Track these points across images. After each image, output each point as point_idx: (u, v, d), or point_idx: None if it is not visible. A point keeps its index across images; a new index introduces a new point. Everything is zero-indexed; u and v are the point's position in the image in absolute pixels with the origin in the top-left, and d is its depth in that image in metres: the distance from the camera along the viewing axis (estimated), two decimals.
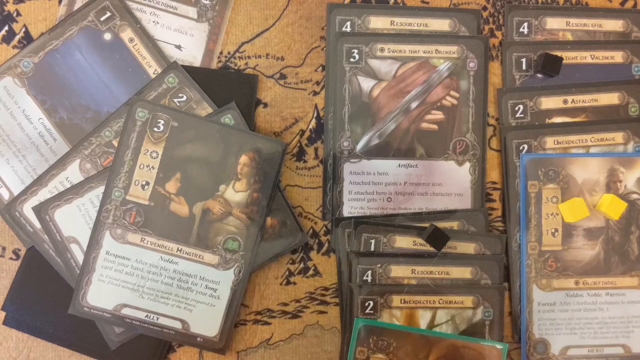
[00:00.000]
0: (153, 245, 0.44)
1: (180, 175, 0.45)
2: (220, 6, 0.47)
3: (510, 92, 0.47)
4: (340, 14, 0.47)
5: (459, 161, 0.47)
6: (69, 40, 0.46)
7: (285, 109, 0.47)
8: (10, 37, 0.46)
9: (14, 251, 0.46)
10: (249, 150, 0.45)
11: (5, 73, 0.45)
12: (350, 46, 0.47)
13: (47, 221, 0.44)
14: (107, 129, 0.45)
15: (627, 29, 0.48)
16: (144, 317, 0.44)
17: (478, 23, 0.48)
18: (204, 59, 0.47)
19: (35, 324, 0.45)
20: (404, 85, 0.47)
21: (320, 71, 0.47)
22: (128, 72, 0.46)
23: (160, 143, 0.45)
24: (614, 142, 0.47)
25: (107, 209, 0.44)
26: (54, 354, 0.46)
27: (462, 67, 0.47)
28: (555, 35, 0.48)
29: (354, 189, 0.47)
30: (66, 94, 0.46)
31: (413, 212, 0.46)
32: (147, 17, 0.47)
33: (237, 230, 0.45)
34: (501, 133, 0.47)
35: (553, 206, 0.47)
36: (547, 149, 0.47)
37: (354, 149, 0.47)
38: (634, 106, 0.48)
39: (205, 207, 0.45)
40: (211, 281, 0.45)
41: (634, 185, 0.47)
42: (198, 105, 0.46)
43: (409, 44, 0.47)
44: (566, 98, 0.47)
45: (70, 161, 0.45)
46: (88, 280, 0.44)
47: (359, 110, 0.47)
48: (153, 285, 0.44)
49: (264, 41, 0.47)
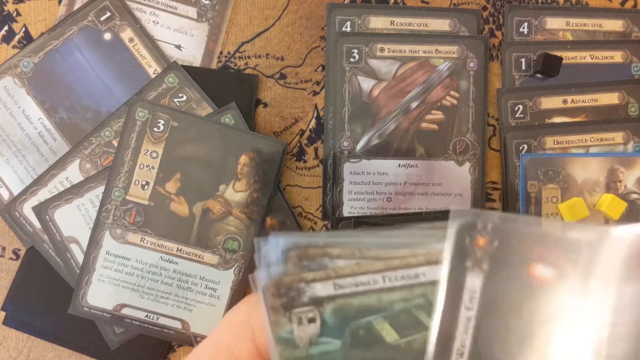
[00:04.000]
0: (153, 245, 0.44)
1: (180, 175, 0.45)
2: (220, 6, 0.47)
3: (510, 92, 0.47)
4: (340, 14, 0.47)
5: (459, 161, 0.47)
6: (69, 40, 0.46)
7: (285, 109, 0.47)
8: (10, 37, 0.46)
9: (13, 251, 0.46)
10: (249, 150, 0.45)
11: (5, 73, 0.45)
12: (350, 46, 0.47)
13: (47, 221, 0.44)
14: (107, 129, 0.45)
15: (627, 29, 0.48)
16: (144, 317, 0.44)
17: (478, 23, 0.48)
18: (204, 59, 0.47)
19: (35, 324, 0.45)
20: (404, 85, 0.47)
21: (320, 71, 0.47)
22: (128, 72, 0.46)
23: (160, 143, 0.45)
24: (614, 142, 0.47)
25: (107, 209, 0.44)
26: (54, 354, 0.46)
27: (462, 67, 0.47)
28: (555, 35, 0.48)
29: (354, 189, 0.47)
30: (66, 94, 0.46)
31: (413, 212, 0.47)
32: (147, 17, 0.47)
33: (237, 230, 0.45)
34: (501, 133, 0.47)
35: (553, 206, 0.47)
36: (546, 149, 0.47)
37: (354, 149, 0.47)
38: (633, 106, 0.48)
39: (205, 207, 0.45)
40: (211, 281, 0.45)
41: (633, 185, 0.47)
42: (198, 105, 0.46)
43: (409, 44, 0.47)
44: (566, 98, 0.48)
45: (70, 161, 0.45)
46: (88, 280, 0.44)
47: (359, 110, 0.47)
48: (153, 285, 0.44)
49: (264, 41, 0.47)
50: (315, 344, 0.22)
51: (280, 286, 0.22)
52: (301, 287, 0.22)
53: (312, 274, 0.23)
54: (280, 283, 0.22)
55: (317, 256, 0.23)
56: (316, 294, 0.22)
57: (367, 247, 0.23)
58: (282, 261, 0.23)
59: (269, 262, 0.23)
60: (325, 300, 0.22)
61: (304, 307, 0.22)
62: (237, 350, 0.24)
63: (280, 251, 0.23)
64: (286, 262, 0.23)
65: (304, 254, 0.23)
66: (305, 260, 0.23)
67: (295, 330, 0.22)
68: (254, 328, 0.24)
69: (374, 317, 0.23)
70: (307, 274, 0.23)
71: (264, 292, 0.22)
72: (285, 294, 0.22)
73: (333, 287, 0.23)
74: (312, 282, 0.22)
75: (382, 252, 0.23)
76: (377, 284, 0.23)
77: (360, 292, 0.23)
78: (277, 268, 0.23)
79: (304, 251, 0.23)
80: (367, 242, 0.23)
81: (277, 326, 0.22)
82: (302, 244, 0.23)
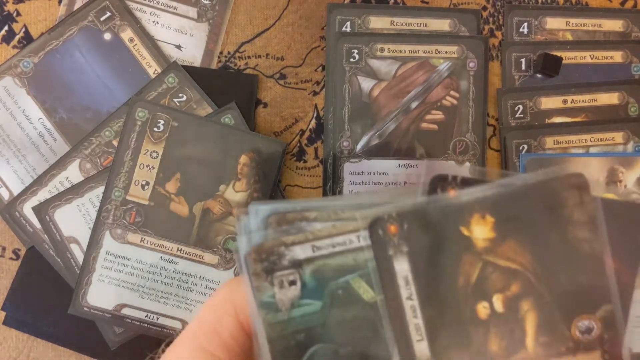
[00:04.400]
0: (153, 245, 0.44)
1: (180, 175, 0.45)
2: (220, 6, 0.47)
3: (510, 92, 0.47)
4: (341, 14, 0.47)
5: (459, 161, 0.47)
6: (69, 40, 0.46)
7: (285, 109, 0.47)
8: (10, 37, 0.46)
9: (14, 251, 0.46)
10: (249, 150, 0.45)
11: (5, 73, 0.45)
12: (350, 46, 0.47)
13: (47, 221, 0.44)
14: (107, 129, 0.45)
15: (627, 29, 0.48)
16: (144, 317, 0.44)
17: (478, 23, 0.48)
18: (204, 59, 0.47)
19: (35, 324, 0.45)
20: (404, 85, 0.47)
21: (320, 71, 0.47)
22: (128, 72, 0.46)
23: (160, 143, 0.45)
24: (614, 142, 0.47)
25: (107, 208, 0.44)
26: (54, 354, 0.46)
27: (462, 67, 0.47)
28: (555, 35, 0.48)
29: (354, 188, 0.47)
30: (66, 94, 0.46)
31: None
32: (147, 17, 0.47)
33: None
34: (501, 133, 0.47)
35: None
36: (546, 149, 0.47)
37: (354, 149, 0.47)
38: (633, 106, 0.48)
39: (205, 207, 0.45)
40: (211, 281, 0.45)
41: (634, 185, 0.47)
42: (198, 105, 0.46)
43: (409, 44, 0.47)
44: (566, 98, 0.48)
45: (70, 161, 0.45)
46: (88, 280, 0.44)
47: (359, 110, 0.47)
48: (153, 285, 0.44)
49: (264, 41, 0.47)
50: (297, 306, 0.23)
51: (261, 252, 0.23)
52: (281, 250, 0.23)
53: (291, 238, 0.23)
54: (261, 249, 0.23)
55: (295, 220, 0.24)
56: (295, 257, 0.23)
57: (342, 209, 0.24)
58: (263, 228, 0.23)
59: (250, 230, 0.23)
60: (305, 263, 0.23)
61: (284, 271, 0.23)
62: (219, 327, 0.24)
63: (260, 219, 0.24)
64: (266, 229, 0.23)
65: (282, 219, 0.24)
66: (284, 225, 0.23)
67: (277, 293, 0.23)
68: (236, 303, 0.24)
69: (350, 276, 0.23)
70: (287, 237, 0.23)
71: (245, 259, 0.23)
72: (266, 259, 0.23)
73: (311, 249, 0.23)
74: (291, 245, 0.23)
75: (356, 213, 0.24)
76: (352, 244, 0.23)
77: (337, 252, 0.23)
78: (258, 235, 0.23)
79: (282, 216, 0.24)
80: (341, 204, 0.24)
81: (259, 291, 0.23)
82: (280, 210, 0.24)
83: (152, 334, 0.44)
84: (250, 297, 0.23)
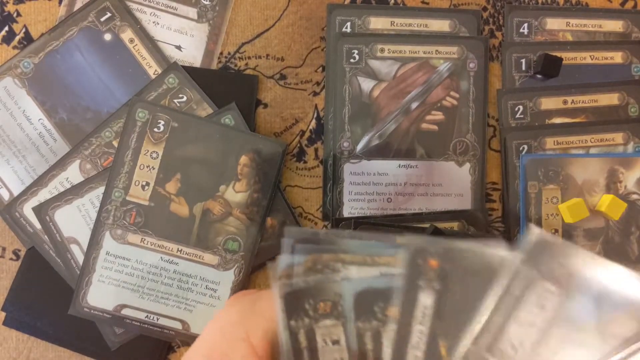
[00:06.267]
0: (153, 245, 0.44)
1: (181, 175, 0.45)
2: (221, 7, 0.47)
3: (510, 93, 0.47)
4: (341, 15, 0.47)
5: (459, 162, 0.47)
6: (69, 41, 0.46)
7: (285, 109, 0.47)
8: (11, 37, 0.46)
9: (14, 252, 0.46)
10: (249, 150, 0.45)
11: (6, 73, 0.45)
12: (351, 47, 0.47)
13: (47, 222, 0.44)
14: (107, 130, 0.45)
15: (627, 29, 0.48)
16: (144, 317, 0.44)
17: (478, 24, 0.48)
18: (204, 60, 0.47)
19: (35, 325, 0.45)
20: (404, 86, 0.47)
21: (321, 72, 0.47)
22: (128, 72, 0.46)
23: (161, 144, 0.45)
24: (614, 143, 0.47)
25: (107, 209, 0.44)
26: (54, 354, 0.46)
27: (462, 68, 0.47)
28: (555, 35, 0.48)
29: (354, 189, 0.47)
30: (66, 95, 0.46)
31: (413, 212, 0.47)
32: (147, 17, 0.47)
33: (237, 231, 0.45)
34: (501, 134, 0.47)
35: (553, 207, 0.47)
36: (547, 149, 0.47)
37: (354, 149, 0.47)
38: (633, 107, 0.48)
39: (206, 208, 0.45)
40: (211, 282, 0.45)
41: (634, 185, 0.47)
42: (198, 106, 0.46)
43: (409, 45, 0.47)
44: (566, 99, 0.48)
45: (70, 162, 0.45)
46: (88, 280, 0.44)
47: (359, 110, 0.47)
48: (153, 285, 0.44)
49: (264, 42, 0.47)
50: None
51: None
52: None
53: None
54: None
55: (330, 262, 0.25)
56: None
57: (377, 254, 0.25)
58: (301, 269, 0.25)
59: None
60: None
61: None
62: (231, 352, 0.24)
63: (297, 260, 0.25)
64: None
65: (318, 259, 0.25)
66: (319, 265, 0.25)
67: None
68: (248, 328, 0.24)
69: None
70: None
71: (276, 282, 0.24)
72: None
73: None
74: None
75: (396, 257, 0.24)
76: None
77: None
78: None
79: (318, 257, 0.25)
80: (377, 247, 0.25)
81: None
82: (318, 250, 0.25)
83: (152, 335, 0.44)
84: (280, 317, 0.23)
